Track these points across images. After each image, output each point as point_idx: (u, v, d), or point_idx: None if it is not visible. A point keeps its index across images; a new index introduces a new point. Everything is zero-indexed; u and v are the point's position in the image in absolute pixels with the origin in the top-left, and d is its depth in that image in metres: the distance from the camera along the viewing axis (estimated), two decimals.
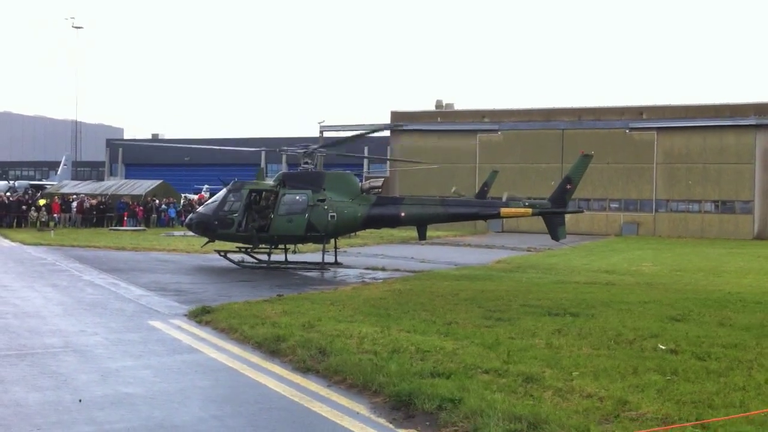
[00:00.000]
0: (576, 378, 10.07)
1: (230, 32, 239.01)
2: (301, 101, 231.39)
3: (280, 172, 30.43)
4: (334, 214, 26.54)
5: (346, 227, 27.82)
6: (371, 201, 27.30)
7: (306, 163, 28.12)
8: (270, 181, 28.39)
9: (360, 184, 28.02)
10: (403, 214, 27.18)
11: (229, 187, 28.11)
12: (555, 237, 26.76)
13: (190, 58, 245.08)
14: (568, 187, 26.43)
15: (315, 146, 29.14)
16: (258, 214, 27.33)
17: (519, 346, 12.10)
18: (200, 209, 30.11)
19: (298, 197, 26.76)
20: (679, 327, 14.28)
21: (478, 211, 28.32)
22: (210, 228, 27.73)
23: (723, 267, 31.04)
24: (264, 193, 27.69)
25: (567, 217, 27.48)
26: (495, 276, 25.13)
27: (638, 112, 62.21)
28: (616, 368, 10.63)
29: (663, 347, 12.10)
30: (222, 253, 28.00)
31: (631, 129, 61.46)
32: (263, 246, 27.66)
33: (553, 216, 26.48)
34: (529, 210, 26.68)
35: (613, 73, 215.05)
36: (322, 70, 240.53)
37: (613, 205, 62.50)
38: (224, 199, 27.71)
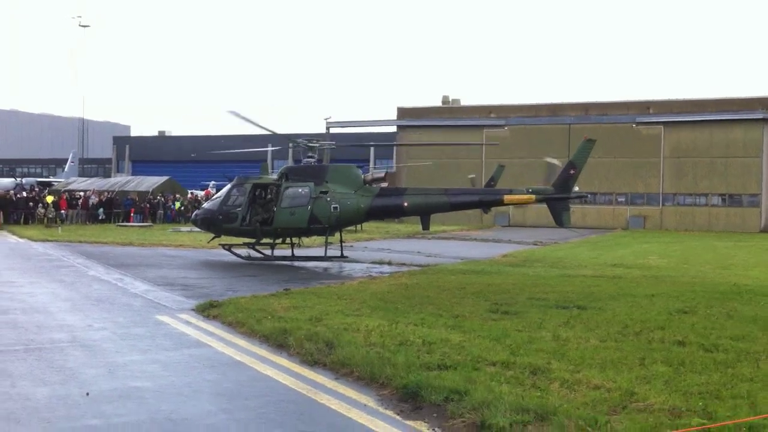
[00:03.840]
0: (583, 370, 10.06)
1: (236, 29, 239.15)
2: (307, 97, 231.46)
3: (284, 166, 30.46)
4: (337, 205, 26.48)
5: (350, 219, 27.73)
6: (374, 192, 27.21)
7: (309, 156, 28.14)
8: (274, 176, 28.45)
9: (363, 176, 27.98)
10: (406, 204, 27.08)
11: (233, 182, 28.20)
12: (560, 223, 26.66)
13: (196, 56, 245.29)
14: (572, 172, 26.31)
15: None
16: (261, 207, 27.36)
17: (526, 339, 12.08)
18: (205, 205, 30.23)
19: (300, 190, 26.73)
20: (686, 319, 14.26)
21: (481, 198, 28.22)
22: (215, 223, 27.82)
23: (730, 260, 30.98)
24: (267, 186, 27.74)
25: (573, 210, 27.35)
26: (502, 270, 25.08)
27: (645, 106, 62.11)
28: (623, 360, 10.62)
29: None
30: (227, 247, 28.09)
31: (638, 123, 61.38)
32: (267, 240, 27.72)
33: (557, 202, 26.36)
34: (533, 196, 26.54)
35: (619, 68, 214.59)
36: (329, 66, 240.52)
37: (620, 199, 62.45)
38: (228, 194, 27.79)
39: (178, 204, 54.60)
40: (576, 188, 27.43)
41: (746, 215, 58.89)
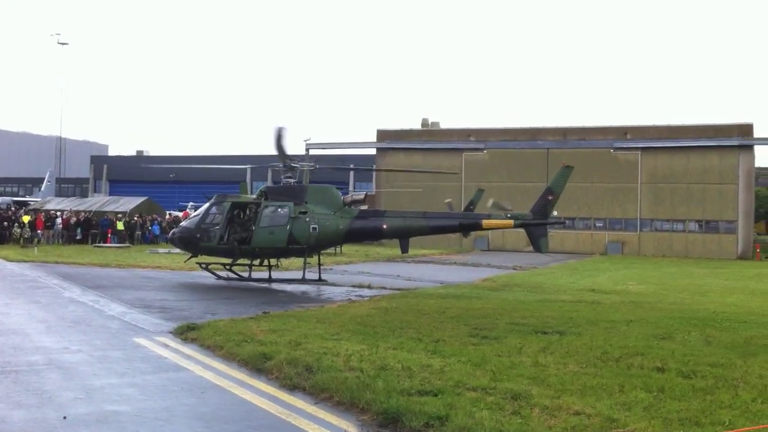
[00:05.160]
0: (563, 396, 10.05)
1: (216, 50, 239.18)
2: (287, 119, 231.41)
3: (263, 186, 30.35)
4: (316, 226, 26.37)
5: (329, 240, 27.56)
6: (353, 214, 27.16)
7: (288, 177, 28.05)
8: (253, 196, 28.36)
9: (343, 197, 27.90)
10: (385, 227, 27.02)
11: (211, 200, 27.99)
12: (537, 249, 26.78)
13: (175, 76, 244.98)
14: (550, 198, 26.46)
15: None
16: (240, 226, 27.19)
17: (506, 364, 12.08)
18: (183, 223, 30.01)
19: (279, 209, 26.61)
20: (665, 345, 14.32)
21: (460, 222, 28.20)
22: (192, 241, 27.55)
23: (707, 286, 31.19)
24: (246, 205, 27.59)
25: (552, 236, 27.46)
26: (481, 294, 25.11)
27: (622, 131, 62.62)
28: (603, 386, 10.64)
29: None
30: (204, 265, 27.89)
31: (616, 149, 61.84)
32: (244, 261, 27.53)
33: (535, 227, 26.46)
34: (511, 222, 26.65)
35: (597, 93, 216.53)
36: (309, 88, 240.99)
37: (598, 224, 62.77)
38: (206, 213, 27.58)
39: (120, 224, 52.44)
40: (555, 213, 27.57)
41: (723, 242, 59.37)
